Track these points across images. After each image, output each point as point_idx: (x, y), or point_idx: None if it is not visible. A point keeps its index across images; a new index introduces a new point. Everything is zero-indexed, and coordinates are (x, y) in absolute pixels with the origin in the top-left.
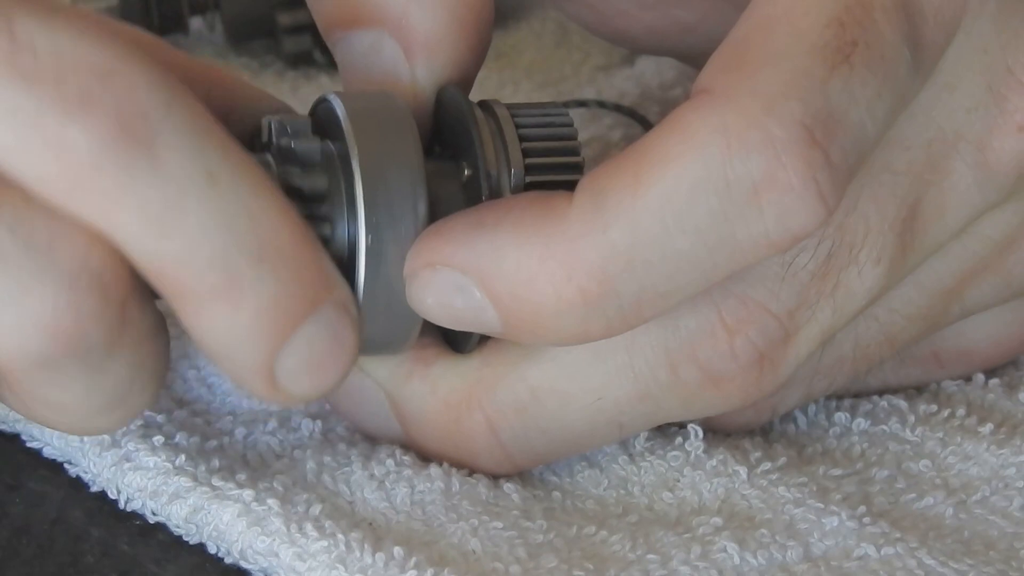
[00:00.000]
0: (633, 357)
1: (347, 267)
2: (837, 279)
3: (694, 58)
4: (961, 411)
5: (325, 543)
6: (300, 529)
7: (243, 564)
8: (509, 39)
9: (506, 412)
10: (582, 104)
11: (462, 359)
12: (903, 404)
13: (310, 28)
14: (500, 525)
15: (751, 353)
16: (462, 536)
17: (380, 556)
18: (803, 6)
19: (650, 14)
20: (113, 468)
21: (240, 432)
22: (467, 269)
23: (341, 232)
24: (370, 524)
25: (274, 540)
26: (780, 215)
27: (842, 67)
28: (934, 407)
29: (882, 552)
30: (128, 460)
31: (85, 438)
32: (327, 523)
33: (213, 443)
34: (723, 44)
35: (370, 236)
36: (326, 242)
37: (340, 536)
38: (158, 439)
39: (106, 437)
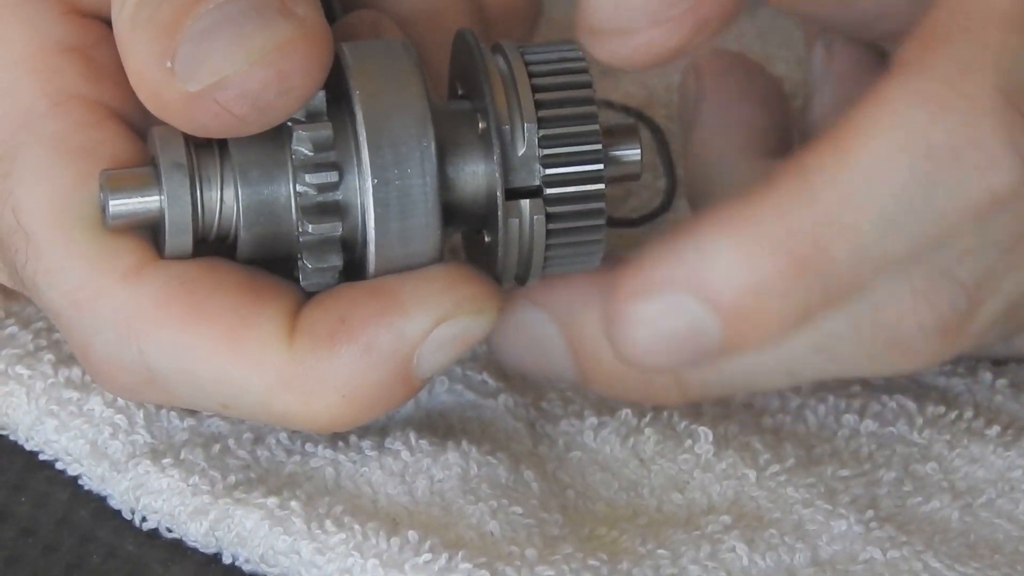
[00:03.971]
0: None
1: (360, 212)
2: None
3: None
4: (969, 413)
5: (343, 535)
6: (320, 526)
7: (263, 568)
8: None
9: (692, 373)
10: None
11: None
12: (912, 405)
13: None
14: (519, 511)
15: (936, 322)
16: (480, 517)
17: (395, 541)
18: None
19: None
20: (126, 493)
21: (248, 437)
22: (678, 283)
23: (350, 179)
24: (393, 519)
25: (295, 539)
26: (981, 176)
27: None
28: (942, 408)
29: (888, 555)
30: (141, 485)
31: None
32: (346, 519)
33: (227, 458)
34: (919, 25)
35: (376, 178)
36: (334, 189)
37: (357, 527)
38: (167, 460)
39: (118, 459)
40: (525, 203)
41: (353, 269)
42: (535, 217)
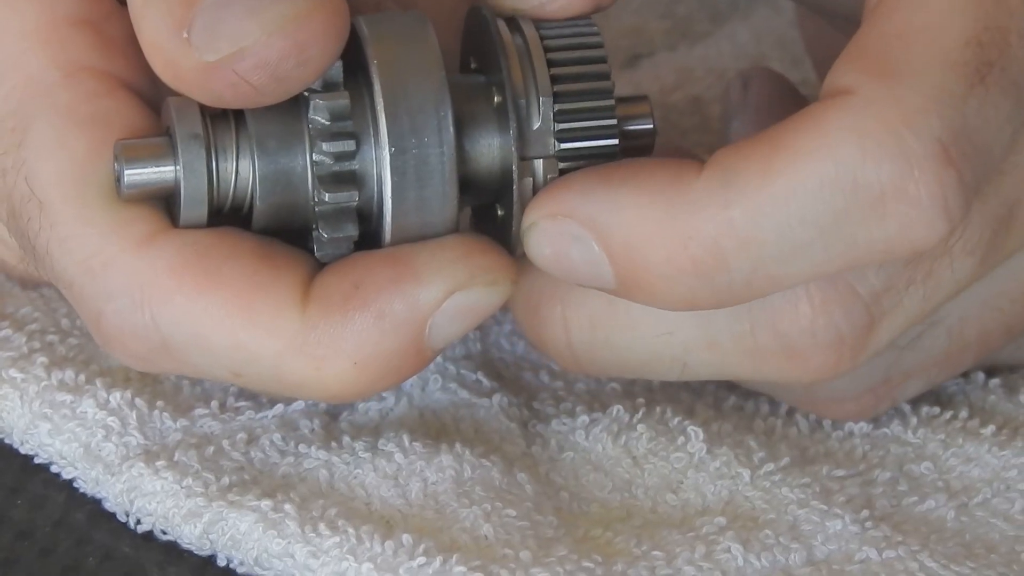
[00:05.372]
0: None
1: (376, 182)
2: (929, 268)
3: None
4: (963, 413)
5: (337, 539)
6: (314, 529)
7: (257, 571)
8: None
9: (581, 317)
10: None
11: None
12: (905, 406)
13: None
14: (513, 513)
15: (832, 334)
16: (474, 521)
17: (389, 544)
18: (944, 21)
19: None
20: (121, 496)
21: (241, 437)
22: (587, 222)
23: (367, 150)
24: (387, 521)
25: (289, 542)
26: (904, 226)
27: (978, 88)
28: (936, 409)
29: (884, 555)
30: (135, 488)
31: (89, 462)
32: (340, 522)
33: (220, 459)
34: (860, 42)
35: (393, 147)
36: (351, 158)
37: (351, 531)
38: (161, 463)
39: (112, 462)
40: (538, 163)
41: (368, 240)
42: (549, 176)
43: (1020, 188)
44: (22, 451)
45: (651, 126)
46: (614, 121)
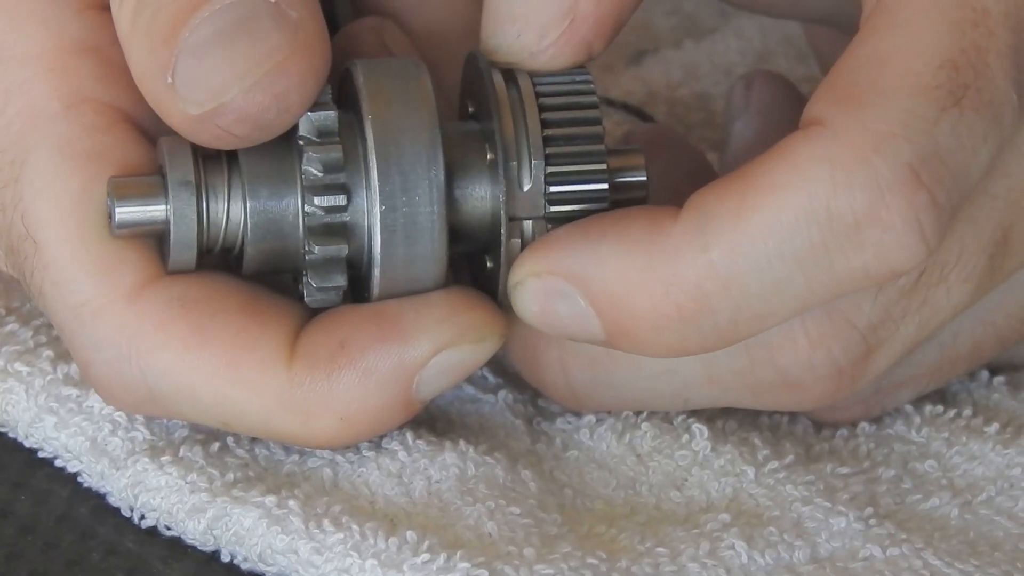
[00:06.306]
0: None
1: (366, 235)
2: (925, 296)
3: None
4: (967, 411)
5: (341, 535)
6: (318, 525)
7: (260, 567)
8: None
9: (580, 358)
10: None
11: None
12: (909, 405)
13: None
14: (517, 511)
15: (830, 366)
16: (478, 519)
17: (393, 541)
18: (917, 45)
19: None
20: (125, 490)
21: (246, 436)
22: (571, 277)
23: (359, 202)
24: (391, 519)
25: (293, 538)
26: (880, 252)
27: (952, 110)
28: (940, 407)
29: (888, 553)
30: (139, 483)
31: (94, 456)
32: (344, 518)
33: (225, 456)
34: (834, 72)
35: (384, 205)
36: (342, 211)
37: (355, 527)
38: (166, 458)
39: (118, 456)
40: (528, 223)
41: (358, 285)
42: (537, 236)
43: (1013, 212)
44: (26, 445)
45: (644, 178)
46: (605, 185)
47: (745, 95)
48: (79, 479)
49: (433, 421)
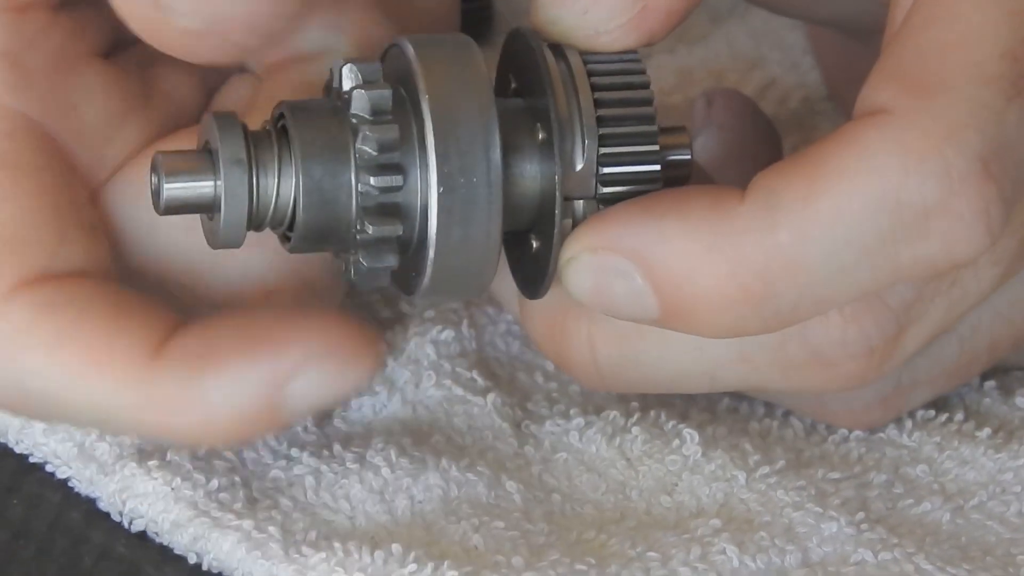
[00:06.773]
0: None
1: (420, 215)
2: (955, 278)
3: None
4: (959, 416)
5: (323, 555)
6: (298, 550)
7: None
8: None
9: (608, 335)
10: None
11: None
12: None
13: None
14: (502, 525)
15: (862, 343)
16: (464, 534)
17: (379, 554)
18: (978, 35)
19: None
20: (114, 496)
21: None
22: (631, 254)
23: (413, 181)
24: (372, 538)
25: (273, 563)
26: (947, 243)
27: (1016, 100)
28: (931, 412)
29: (879, 557)
30: (127, 488)
31: (83, 461)
32: (323, 542)
33: (213, 459)
34: (892, 61)
35: (442, 186)
36: (397, 191)
37: (338, 545)
38: (153, 463)
39: (105, 461)
40: (579, 203)
41: (404, 265)
42: (588, 216)
43: None
44: (17, 451)
45: (689, 157)
46: (657, 167)
47: (706, 112)
48: (70, 484)
49: (420, 422)
